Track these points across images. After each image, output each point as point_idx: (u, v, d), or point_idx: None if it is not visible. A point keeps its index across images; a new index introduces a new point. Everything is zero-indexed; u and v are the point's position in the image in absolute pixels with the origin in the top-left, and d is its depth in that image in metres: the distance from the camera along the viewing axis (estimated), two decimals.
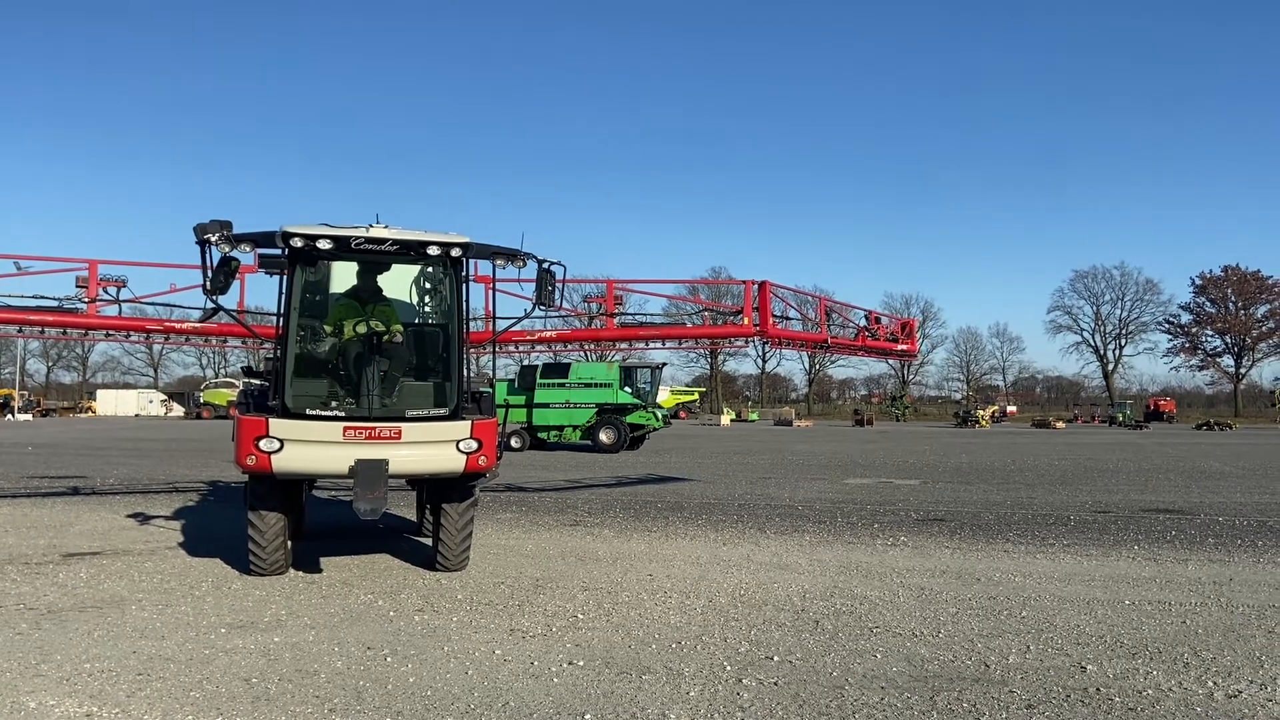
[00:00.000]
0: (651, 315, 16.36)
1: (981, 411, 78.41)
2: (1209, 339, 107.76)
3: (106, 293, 12.85)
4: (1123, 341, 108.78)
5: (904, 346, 17.66)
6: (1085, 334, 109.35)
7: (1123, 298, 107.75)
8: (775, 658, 6.55)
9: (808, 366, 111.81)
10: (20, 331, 14.17)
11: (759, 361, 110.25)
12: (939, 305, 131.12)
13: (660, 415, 35.30)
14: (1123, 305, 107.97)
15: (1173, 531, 12.95)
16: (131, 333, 14.77)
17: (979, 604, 8.30)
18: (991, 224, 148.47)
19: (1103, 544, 11.84)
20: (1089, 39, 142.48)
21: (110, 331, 14.51)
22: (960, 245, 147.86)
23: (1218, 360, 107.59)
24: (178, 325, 14.13)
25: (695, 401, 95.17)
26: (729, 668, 6.31)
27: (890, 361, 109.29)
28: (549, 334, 15.26)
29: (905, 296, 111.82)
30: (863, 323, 16.81)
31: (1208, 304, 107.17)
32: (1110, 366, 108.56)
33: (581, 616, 7.72)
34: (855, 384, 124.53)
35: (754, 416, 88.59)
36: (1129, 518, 14.53)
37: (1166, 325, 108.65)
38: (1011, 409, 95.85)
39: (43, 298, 12.96)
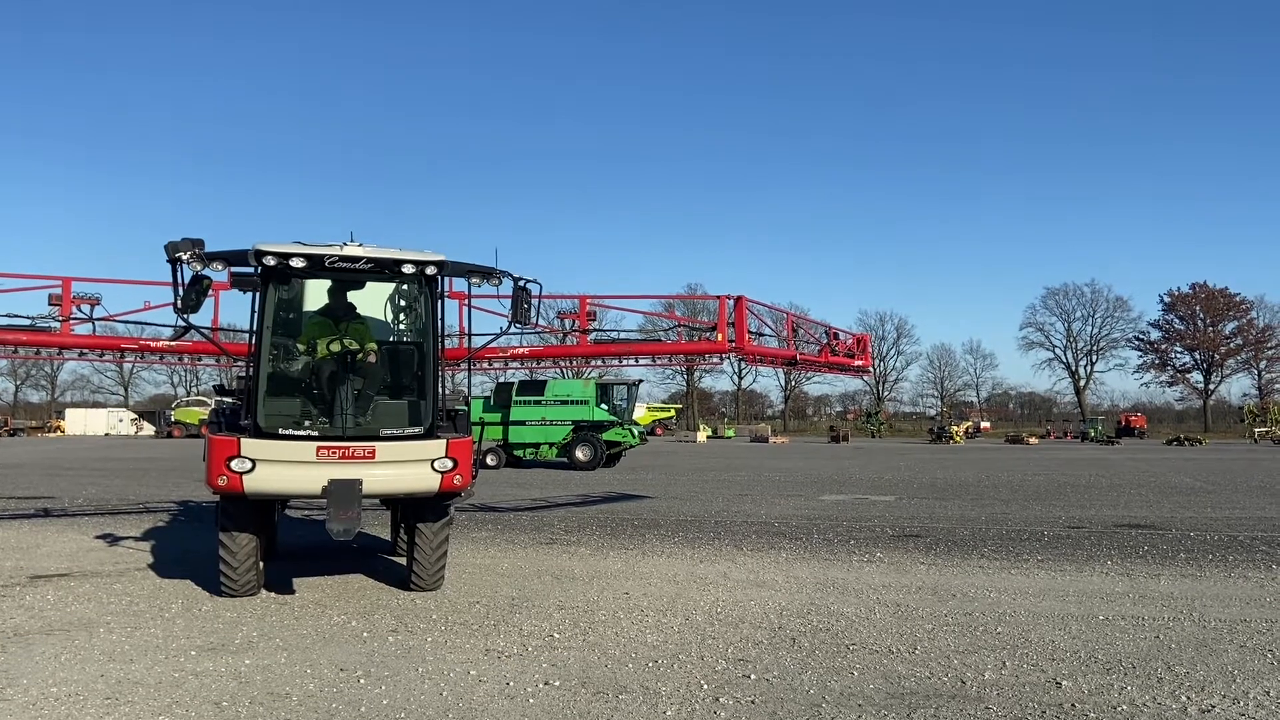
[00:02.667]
0: (627, 331, 16.34)
1: (956, 427, 78.93)
2: (1178, 355, 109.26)
3: (80, 310, 12.68)
4: (1094, 358, 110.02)
5: (859, 362, 17.99)
6: (1057, 350, 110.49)
7: (1094, 314, 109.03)
8: (752, 676, 6.53)
9: (783, 383, 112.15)
10: None
11: (735, 378, 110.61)
12: (913, 322, 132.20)
13: (636, 432, 35.24)
14: (1094, 322, 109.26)
15: (1145, 547, 13.06)
16: (106, 351, 14.58)
17: (955, 620, 8.33)
18: (964, 241, 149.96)
19: (1076, 559, 11.92)
20: (1064, 54, 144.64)
21: (84, 350, 14.32)
22: (934, 262, 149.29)
23: (1187, 376, 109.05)
24: (152, 344, 13.97)
25: (672, 418, 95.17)
26: (706, 686, 6.28)
27: (865, 378, 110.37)
28: (521, 350, 15.22)
29: (879, 313, 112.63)
30: (823, 339, 17.07)
31: (1177, 321, 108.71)
32: (1082, 383, 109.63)
33: (558, 636, 7.68)
34: (831, 400, 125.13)
35: (730, 433, 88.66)
36: (1102, 533, 14.65)
37: (1137, 342, 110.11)
38: (985, 425, 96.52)
39: (15, 316, 12.77)
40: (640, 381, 40.12)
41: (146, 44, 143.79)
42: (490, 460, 31.25)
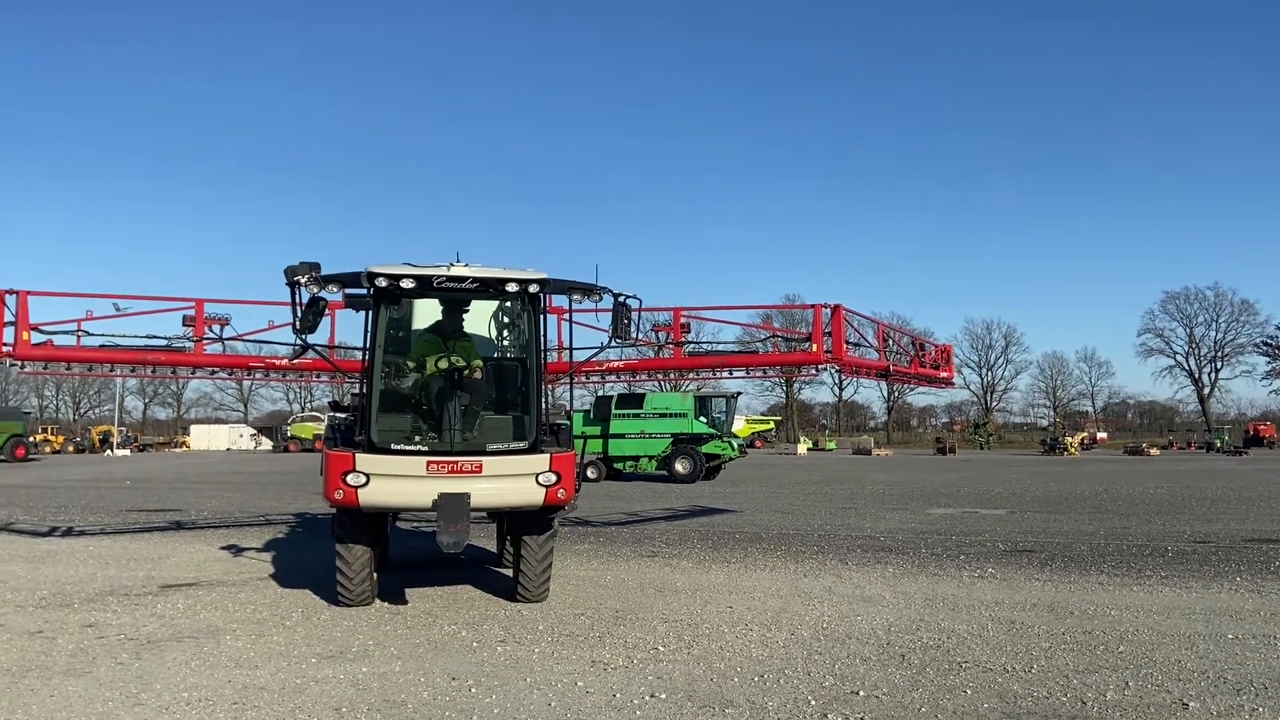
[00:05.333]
0: (722, 343, 16.29)
1: (1070, 438, 75.87)
2: None
3: (211, 331, 13.35)
4: (1218, 364, 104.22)
5: (944, 374, 17.59)
6: (1178, 357, 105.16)
7: (1217, 319, 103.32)
8: (861, 692, 6.44)
9: (886, 394, 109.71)
10: (134, 371, 14.78)
11: (835, 389, 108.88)
12: (1021, 330, 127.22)
13: (736, 445, 35.08)
14: (1217, 327, 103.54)
15: (1277, 562, 12.35)
16: (236, 370, 15.27)
17: (1073, 638, 8.04)
18: (1077, 245, 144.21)
19: (1203, 575, 11.37)
20: (1187, 53, 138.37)
21: (216, 369, 15.05)
22: (1044, 267, 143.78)
23: None
24: (276, 362, 14.61)
25: (771, 431, 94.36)
26: (813, 702, 6.22)
27: (972, 388, 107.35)
28: (617, 364, 15.34)
29: (986, 321, 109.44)
30: (911, 349, 16.78)
31: None
32: (1206, 391, 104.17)
33: (662, 649, 7.71)
34: (936, 411, 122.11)
35: (831, 445, 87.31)
36: (1230, 548, 13.92)
37: (1264, 347, 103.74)
38: (1102, 435, 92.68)
39: (154, 337, 13.55)
40: (739, 394, 40.04)
41: (250, 68, 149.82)
42: (590, 473, 31.52)
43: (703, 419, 33.57)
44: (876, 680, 6.74)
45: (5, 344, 12.74)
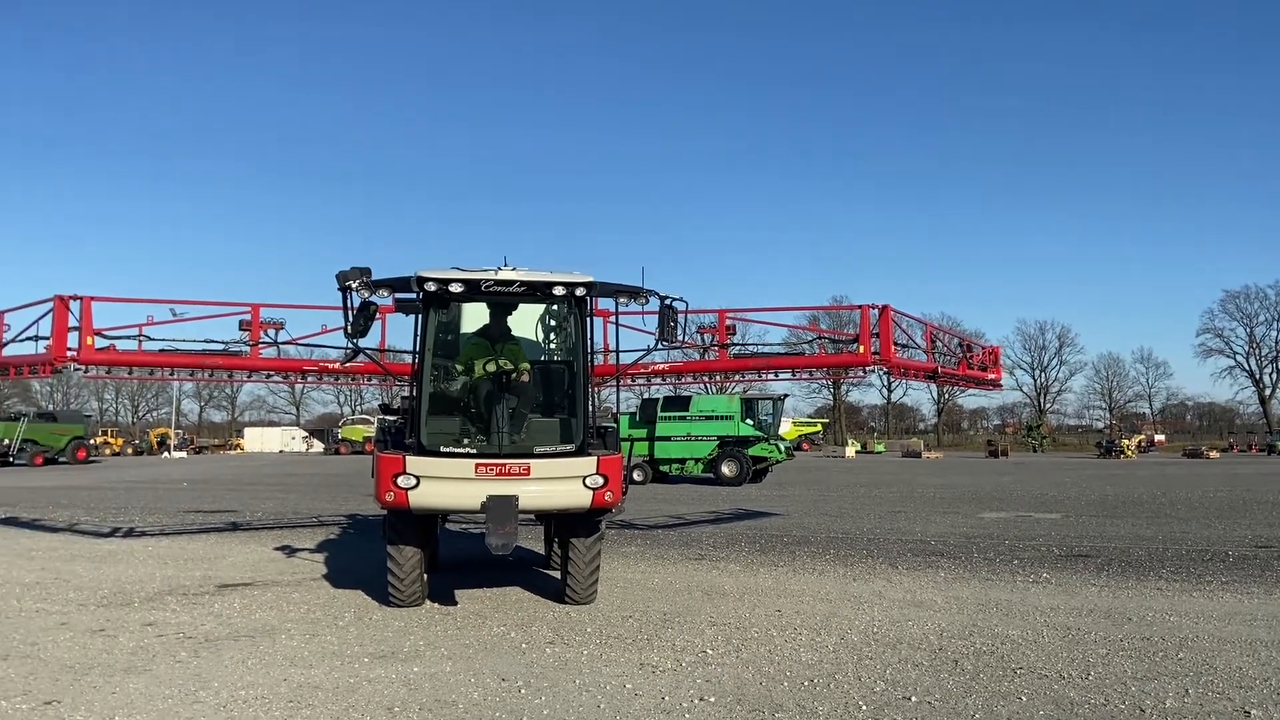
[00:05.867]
0: (770, 345, 16.21)
1: (1126, 441, 74.25)
2: None
3: (266, 335, 13.61)
4: None
5: (992, 375, 17.34)
6: (1239, 358, 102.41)
7: (1279, 318, 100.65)
8: (913, 698, 6.36)
9: (936, 396, 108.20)
10: (192, 374, 15.11)
11: (884, 392, 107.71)
12: (1076, 331, 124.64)
13: (783, 447, 34.87)
14: (1279, 326, 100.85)
15: None
16: (290, 373, 15.55)
17: (1131, 645, 7.87)
18: (1133, 244, 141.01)
19: (1265, 581, 11.06)
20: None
21: (272, 373, 15.35)
22: (1098, 267, 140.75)
23: None
24: (329, 365, 14.88)
25: (819, 433, 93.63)
26: (864, 707, 6.16)
27: (1024, 390, 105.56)
28: (663, 366, 15.33)
29: (1039, 322, 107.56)
30: (959, 351, 16.56)
31: None
32: (1267, 392, 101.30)
33: (711, 652, 7.69)
34: (988, 413, 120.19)
35: (880, 448, 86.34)
36: None
37: None
38: (1159, 438, 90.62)
39: (211, 341, 13.86)
40: (785, 396, 39.67)
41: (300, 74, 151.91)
42: (637, 476, 31.54)
43: (749, 421, 33.41)
44: (929, 686, 6.66)
45: (70, 349, 13.09)
